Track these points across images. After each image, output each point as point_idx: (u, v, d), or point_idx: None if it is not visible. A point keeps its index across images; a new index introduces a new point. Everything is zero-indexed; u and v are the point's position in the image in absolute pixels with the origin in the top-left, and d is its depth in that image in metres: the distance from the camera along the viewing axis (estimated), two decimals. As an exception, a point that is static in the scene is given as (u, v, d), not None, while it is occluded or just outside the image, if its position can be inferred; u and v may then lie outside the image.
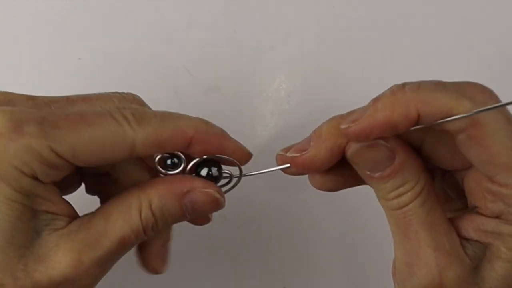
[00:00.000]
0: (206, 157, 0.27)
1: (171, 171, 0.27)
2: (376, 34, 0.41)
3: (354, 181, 0.27)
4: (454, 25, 0.41)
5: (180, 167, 0.27)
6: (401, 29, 0.41)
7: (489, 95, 0.23)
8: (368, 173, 0.25)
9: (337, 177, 0.27)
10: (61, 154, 0.24)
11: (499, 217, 0.24)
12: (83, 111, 0.25)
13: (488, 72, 0.40)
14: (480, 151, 0.23)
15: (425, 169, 0.25)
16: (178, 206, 0.26)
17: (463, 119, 0.22)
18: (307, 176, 0.28)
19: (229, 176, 0.28)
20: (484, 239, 0.24)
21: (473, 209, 0.25)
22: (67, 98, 0.27)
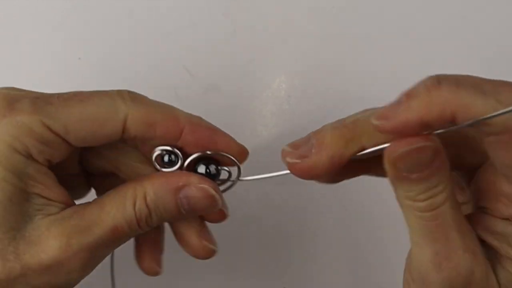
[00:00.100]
0: (203, 153, 0.26)
1: (169, 168, 0.27)
2: (376, 34, 0.41)
3: (354, 173, 0.27)
4: (454, 25, 0.41)
5: (177, 164, 0.27)
6: (401, 29, 0.41)
7: None
8: (405, 174, 0.23)
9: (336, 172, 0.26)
10: (53, 129, 0.24)
11: (509, 219, 0.24)
12: (77, 91, 0.25)
13: (488, 72, 0.40)
14: (507, 156, 0.22)
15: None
16: (173, 200, 0.26)
17: (498, 123, 0.21)
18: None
19: (227, 175, 0.28)
20: (491, 239, 0.24)
21: (480, 209, 0.25)
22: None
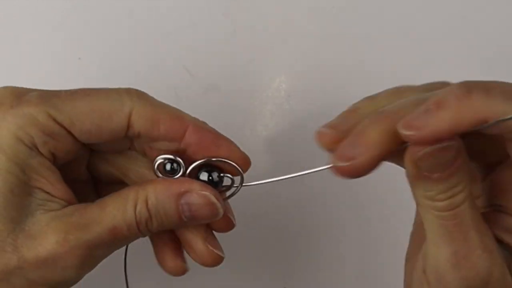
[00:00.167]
0: (206, 160, 0.26)
1: (171, 177, 0.27)
2: (376, 34, 0.41)
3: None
4: (454, 25, 0.41)
5: (179, 172, 0.27)
6: (401, 29, 0.41)
7: None
8: (426, 174, 0.22)
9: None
10: (58, 120, 0.24)
11: None
12: (85, 88, 0.26)
13: (488, 72, 0.40)
14: None
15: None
16: (174, 205, 0.26)
17: None
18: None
19: (230, 182, 0.28)
20: (508, 238, 0.24)
21: (496, 207, 0.25)
22: None
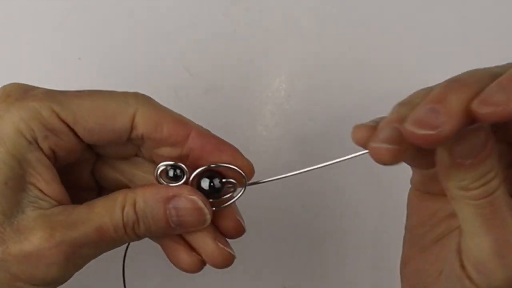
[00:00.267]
0: (209, 167, 0.26)
1: (173, 183, 0.27)
2: (376, 34, 0.41)
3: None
4: (454, 25, 0.41)
5: (183, 179, 0.26)
6: (401, 29, 0.41)
7: None
8: (459, 161, 0.21)
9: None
10: (61, 116, 0.25)
11: None
12: (91, 89, 0.26)
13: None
14: None
15: None
16: (162, 210, 0.26)
17: None
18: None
19: (232, 187, 0.27)
20: None
21: None
22: None
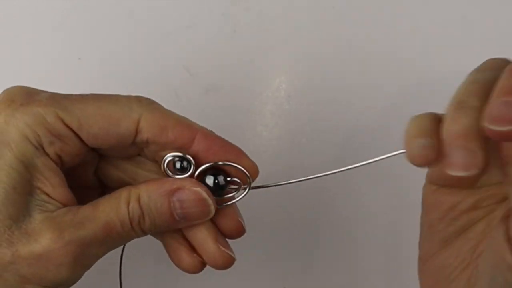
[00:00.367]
0: (216, 163, 0.26)
1: (180, 175, 0.27)
2: (376, 34, 0.41)
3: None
4: (454, 25, 0.41)
5: (189, 171, 0.26)
6: (401, 29, 0.41)
7: None
8: None
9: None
10: (66, 121, 0.25)
11: None
12: (96, 93, 0.26)
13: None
14: None
15: None
16: (166, 203, 0.26)
17: None
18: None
19: (235, 188, 0.27)
20: None
21: None
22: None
